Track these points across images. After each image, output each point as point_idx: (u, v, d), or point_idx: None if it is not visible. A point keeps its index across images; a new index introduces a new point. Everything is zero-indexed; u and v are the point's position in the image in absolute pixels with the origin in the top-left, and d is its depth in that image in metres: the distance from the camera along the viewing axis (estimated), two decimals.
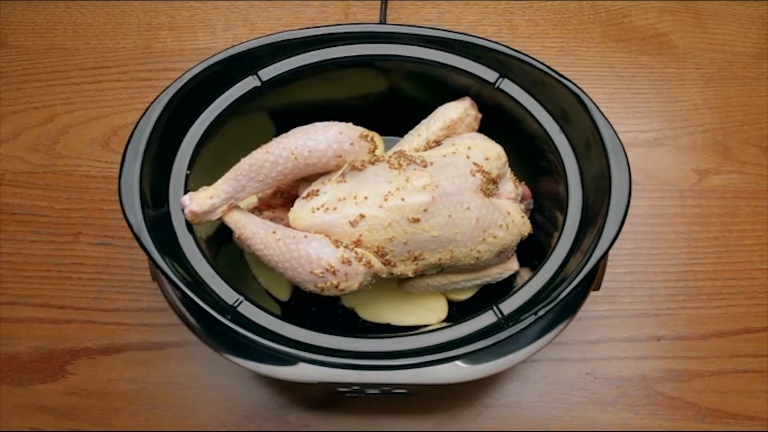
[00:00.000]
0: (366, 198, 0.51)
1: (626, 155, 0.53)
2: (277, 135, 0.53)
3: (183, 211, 0.52)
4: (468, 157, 0.54)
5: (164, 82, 0.57)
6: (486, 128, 0.59)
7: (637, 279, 0.71)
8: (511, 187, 0.57)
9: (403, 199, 0.51)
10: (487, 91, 0.59)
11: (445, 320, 0.61)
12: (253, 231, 0.52)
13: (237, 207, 0.54)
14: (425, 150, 0.58)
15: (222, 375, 0.67)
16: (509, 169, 0.58)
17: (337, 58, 0.58)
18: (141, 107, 0.55)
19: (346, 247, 0.50)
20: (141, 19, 0.83)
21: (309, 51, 0.58)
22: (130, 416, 0.66)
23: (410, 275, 0.54)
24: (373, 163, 0.53)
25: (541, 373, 0.67)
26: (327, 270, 0.50)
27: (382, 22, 0.77)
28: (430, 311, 0.61)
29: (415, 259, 0.52)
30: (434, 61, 0.59)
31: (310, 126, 0.53)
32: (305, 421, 0.65)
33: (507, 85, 0.58)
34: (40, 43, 0.82)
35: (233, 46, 0.57)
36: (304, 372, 0.50)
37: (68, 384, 0.67)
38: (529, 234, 0.57)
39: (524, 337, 0.52)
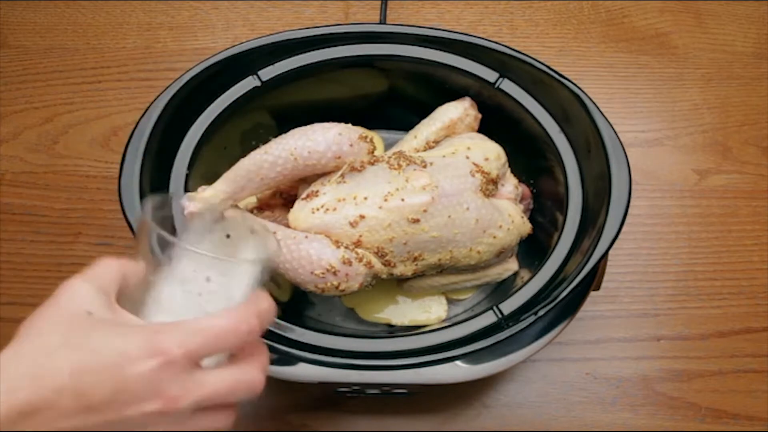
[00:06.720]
0: (366, 199, 0.51)
1: (626, 155, 0.53)
2: (277, 135, 0.53)
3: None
4: (467, 158, 0.54)
5: (164, 82, 0.57)
6: (486, 128, 0.59)
7: (637, 279, 0.71)
8: (510, 188, 0.57)
9: (402, 200, 0.50)
10: (487, 91, 0.59)
11: (445, 320, 0.61)
12: None
13: (236, 207, 0.54)
14: (425, 150, 0.58)
15: None
16: (509, 170, 0.58)
17: (337, 58, 0.58)
18: (141, 107, 0.55)
19: (346, 247, 0.50)
20: (141, 19, 0.83)
21: (309, 51, 0.58)
22: None
23: (410, 275, 0.54)
24: (372, 164, 0.53)
25: (541, 373, 0.67)
26: (328, 270, 0.50)
27: (382, 22, 0.77)
28: (430, 311, 0.61)
29: (415, 259, 0.52)
30: (434, 61, 0.59)
31: (309, 127, 0.53)
32: (305, 421, 0.65)
33: (507, 85, 0.58)
34: (40, 43, 0.82)
35: (233, 46, 0.57)
36: (304, 372, 0.51)
37: None
38: (529, 234, 0.57)
39: (524, 337, 0.52)
